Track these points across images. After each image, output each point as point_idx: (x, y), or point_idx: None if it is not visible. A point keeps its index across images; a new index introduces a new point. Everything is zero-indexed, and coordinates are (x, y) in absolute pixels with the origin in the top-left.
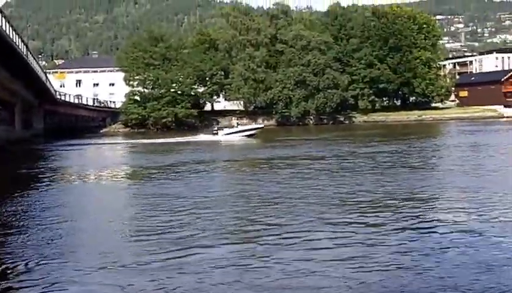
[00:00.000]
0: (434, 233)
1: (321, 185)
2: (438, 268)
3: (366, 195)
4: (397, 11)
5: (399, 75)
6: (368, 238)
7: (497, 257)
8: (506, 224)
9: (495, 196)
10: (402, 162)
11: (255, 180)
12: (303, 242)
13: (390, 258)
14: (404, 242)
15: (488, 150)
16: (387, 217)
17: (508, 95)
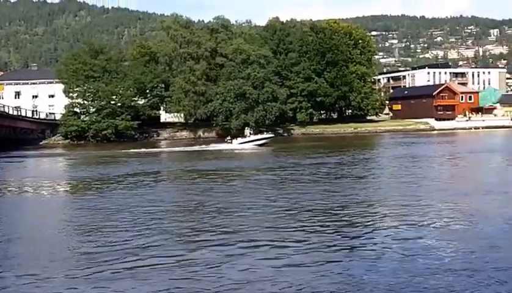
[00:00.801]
0: (372, 239)
1: (272, 195)
2: (376, 273)
3: (313, 204)
4: (334, 27)
5: (336, 89)
6: (311, 246)
7: (431, 262)
8: (439, 230)
9: (429, 204)
10: (343, 172)
11: (207, 190)
12: (251, 251)
13: (330, 266)
14: (344, 248)
15: (422, 161)
16: (331, 226)
17: (438, 109)
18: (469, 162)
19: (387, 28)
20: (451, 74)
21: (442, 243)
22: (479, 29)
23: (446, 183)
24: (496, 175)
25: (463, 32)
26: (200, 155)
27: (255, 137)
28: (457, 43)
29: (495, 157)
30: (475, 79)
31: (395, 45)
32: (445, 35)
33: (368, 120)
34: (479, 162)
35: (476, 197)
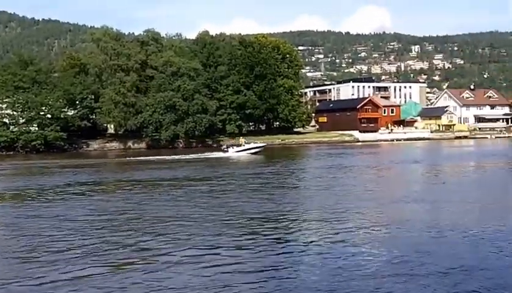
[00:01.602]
0: (302, 247)
1: (207, 205)
2: (303, 280)
3: (247, 212)
4: (262, 41)
5: (264, 102)
6: (241, 254)
7: (356, 268)
8: (368, 237)
9: (357, 211)
10: (278, 182)
11: (144, 200)
12: (179, 261)
13: (260, 274)
14: (272, 255)
15: (349, 171)
16: (262, 234)
17: (362, 121)
18: (393, 172)
19: (313, 44)
20: (374, 88)
21: (370, 250)
22: (401, 45)
23: (372, 192)
24: (419, 184)
25: (386, 47)
26: (174, 164)
27: (249, 146)
28: (381, 58)
29: (417, 167)
30: (397, 93)
31: (321, 60)
32: (369, 50)
33: (295, 132)
34: (403, 172)
35: (401, 205)
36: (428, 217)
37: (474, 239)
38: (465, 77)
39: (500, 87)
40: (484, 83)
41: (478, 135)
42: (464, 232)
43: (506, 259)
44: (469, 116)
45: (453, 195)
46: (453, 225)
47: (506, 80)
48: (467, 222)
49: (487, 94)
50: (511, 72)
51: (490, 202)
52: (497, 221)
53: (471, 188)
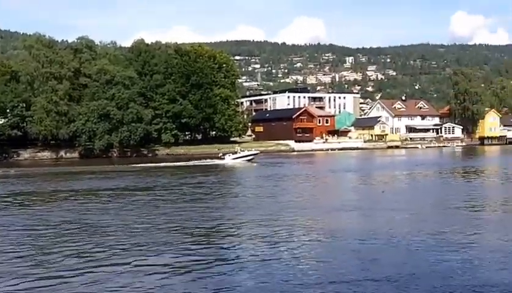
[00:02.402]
0: (238, 256)
1: (150, 215)
2: (237, 287)
3: (190, 222)
4: (198, 50)
5: (201, 111)
6: (173, 264)
7: (291, 276)
8: (304, 245)
9: (295, 219)
10: (217, 191)
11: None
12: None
13: (191, 284)
14: (205, 264)
15: (286, 180)
16: (197, 242)
17: (298, 131)
18: (331, 181)
19: (250, 54)
20: (309, 98)
21: (310, 258)
22: (335, 57)
23: (313, 201)
24: (357, 193)
25: (321, 58)
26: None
27: (245, 153)
28: (316, 69)
29: (353, 176)
30: (332, 104)
31: (258, 70)
32: (305, 61)
33: (231, 141)
34: (340, 181)
35: (338, 213)
36: (368, 224)
37: (413, 246)
38: (397, 88)
39: (430, 98)
40: (416, 94)
41: (409, 145)
42: (403, 240)
43: (442, 265)
44: (401, 127)
45: (391, 203)
46: (392, 233)
47: (437, 91)
48: (406, 229)
49: (418, 105)
50: (441, 84)
51: (427, 210)
52: (434, 229)
53: (407, 197)
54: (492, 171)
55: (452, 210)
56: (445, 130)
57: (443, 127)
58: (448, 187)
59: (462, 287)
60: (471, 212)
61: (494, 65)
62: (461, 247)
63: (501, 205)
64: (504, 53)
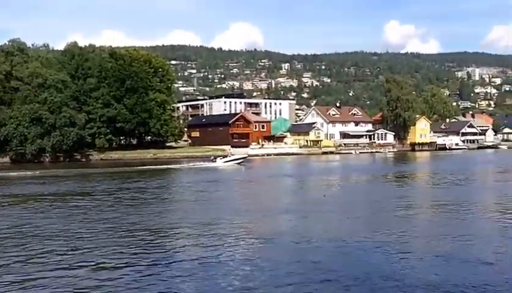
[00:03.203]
0: (176, 260)
1: (84, 220)
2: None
3: (126, 227)
4: (134, 54)
5: (136, 116)
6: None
7: (231, 281)
8: (241, 248)
9: (235, 223)
10: (154, 196)
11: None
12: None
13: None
14: (144, 270)
15: (224, 185)
16: (136, 248)
17: (234, 136)
18: (270, 186)
19: (186, 58)
20: (245, 104)
21: (246, 261)
22: (271, 63)
23: (253, 204)
24: (297, 197)
25: (257, 64)
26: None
27: (235, 157)
28: (252, 75)
29: (291, 180)
30: (268, 109)
31: (194, 75)
32: (241, 67)
33: (167, 146)
34: (279, 185)
35: (282, 217)
36: (312, 227)
37: (353, 248)
38: (332, 95)
39: (364, 105)
40: (350, 101)
41: (343, 151)
42: (343, 242)
43: (379, 266)
44: (335, 133)
45: (334, 207)
46: (333, 235)
47: (370, 98)
48: (346, 232)
49: (352, 112)
50: (374, 91)
51: (366, 213)
52: (373, 231)
53: (347, 200)
54: (422, 176)
55: (388, 213)
56: (377, 136)
57: (375, 134)
58: (383, 191)
59: (396, 287)
60: (405, 215)
61: (425, 73)
62: (396, 249)
63: (432, 208)
64: (434, 62)
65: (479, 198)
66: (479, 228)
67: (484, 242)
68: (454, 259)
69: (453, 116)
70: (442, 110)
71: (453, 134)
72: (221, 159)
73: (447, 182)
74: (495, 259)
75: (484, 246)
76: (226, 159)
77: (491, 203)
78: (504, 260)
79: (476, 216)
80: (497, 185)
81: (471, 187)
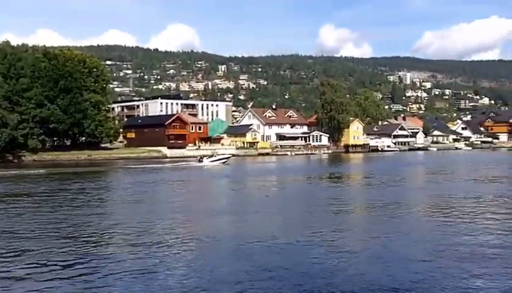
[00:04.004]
0: (113, 260)
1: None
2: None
3: (62, 228)
4: (68, 54)
5: (70, 116)
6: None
7: (169, 284)
8: (177, 249)
9: (177, 224)
10: (86, 198)
11: None
12: None
13: None
14: (77, 274)
15: (161, 186)
16: (73, 248)
17: (171, 137)
18: (211, 186)
19: (121, 59)
20: (182, 105)
21: (185, 262)
22: (208, 64)
23: (195, 205)
24: (240, 197)
25: (194, 66)
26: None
27: (220, 157)
28: (189, 76)
29: (231, 181)
30: (204, 111)
31: (130, 75)
32: (177, 68)
33: (102, 147)
34: (219, 186)
35: (224, 217)
36: (254, 227)
37: (294, 247)
38: (269, 97)
39: (299, 107)
40: (286, 103)
41: (280, 152)
42: (285, 240)
43: (318, 265)
44: (271, 134)
45: (276, 206)
46: (275, 234)
47: (305, 100)
48: (287, 231)
49: (287, 114)
50: (309, 94)
51: (303, 213)
52: (310, 230)
53: (288, 200)
54: (356, 176)
55: (327, 213)
56: (312, 138)
57: (311, 135)
58: (321, 192)
59: (331, 284)
60: (341, 214)
61: (358, 76)
62: (333, 247)
63: (366, 207)
64: (368, 65)
65: (411, 198)
66: (410, 226)
67: (415, 239)
68: (388, 256)
69: (385, 119)
70: (375, 113)
71: (385, 136)
72: (207, 159)
73: (380, 182)
74: (425, 256)
75: (415, 243)
76: (212, 158)
77: (422, 202)
78: (435, 256)
79: (408, 215)
80: (427, 185)
81: (403, 187)
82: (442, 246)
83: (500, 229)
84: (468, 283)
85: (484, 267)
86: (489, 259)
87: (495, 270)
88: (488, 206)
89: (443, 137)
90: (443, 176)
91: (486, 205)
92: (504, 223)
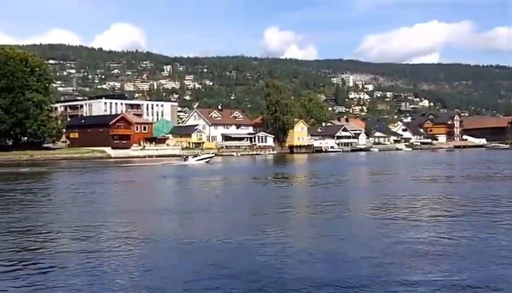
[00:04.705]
0: (55, 263)
1: None
2: None
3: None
4: (9, 53)
5: (11, 116)
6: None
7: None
8: (130, 250)
9: (126, 225)
10: (28, 198)
11: None
12: None
13: None
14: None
15: (105, 187)
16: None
17: (115, 138)
18: (159, 186)
19: (65, 58)
20: (127, 105)
21: (132, 263)
22: (153, 64)
23: (145, 205)
24: (191, 197)
25: (139, 66)
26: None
27: (204, 156)
28: (134, 76)
29: (179, 181)
30: (150, 111)
31: (73, 75)
32: (122, 67)
33: (45, 147)
34: (168, 186)
35: (163, 216)
36: (204, 226)
37: (243, 246)
38: (214, 98)
39: (245, 108)
40: (231, 104)
41: (225, 153)
42: (225, 240)
43: (263, 263)
44: (217, 135)
45: (226, 206)
46: (221, 234)
47: (251, 101)
48: (235, 231)
49: (233, 115)
50: (255, 95)
51: (251, 213)
52: (258, 230)
53: (238, 200)
54: (301, 176)
55: (275, 213)
56: (258, 139)
57: (256, 136)
58: (267, 192)
59: (278, 282)
60: (290, 214)
61: (303, 78)
62: (282, 246)
63: (312, 207)
64: (312, 68)
65: (355, 197)
66: (355, 225)
67: (360, 237)
68: (334, 254)
69: (329, 120)
70: (319, 114)
71: (329, 137)
72: (192, 158)
73: (325, 182)
74: (370, 253)
75: (360, 241)
76: (197, 158)
77: (365, 202)
78: (379, 253)
79: (352, 214)
80: (370, 185)
81: (347, 187)
82: (386, 243)
83: (441, 227)
84: (411, 278)
85: (427, 263)
86: (431, 255)
87: (437, 266)
88: (429, 205)
89: (385, 138)
90: (385, 176)
91: (427, 204)
92: (444, 221)
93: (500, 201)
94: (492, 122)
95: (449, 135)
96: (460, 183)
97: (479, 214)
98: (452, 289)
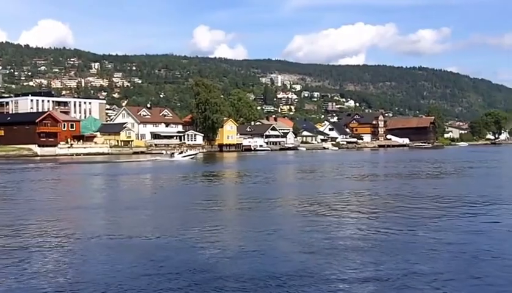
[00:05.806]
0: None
1: None
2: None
3: None
4: None
5: None
6: None
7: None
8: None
9: (61, 224)
10: None
11: None
12: None
13: None
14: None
15: (36, 185)
16: None
17: (42, 135)
18: (89, 184)
19: None
20: (54, 102)
21: (57, 260)
22: (81, 62)
23: (67, 201)
24: (130, 194)
25: (66, 63)
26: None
27: (189, 153)
28: (61, 74)
29: (105, 179)
30: (77, 108)
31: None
32: (49, 64)
33: None
34: (99, 184)
35: (95, 214)
36: (124, 225)
37: (177, 244)
38: (143, 96)
39: (174, 107)
40: (161, 103)
41: (154, 151)
42: (157, 237)
43: (202, 260)
44: (146, 133)
45: (167, 202)
46: (155, 232)
47: (180, 100)
48: (163, 229)
49: (162, 113)
50: (184, 93)
51: (182, 210)
52: (191, 227)
53: (176, 197)
54: (231, 175)
55: (207, 209)
56: (187, 137)
57: (186, 134)
58: (198, 190)
59: (208, 280)
60: (220, 211)
61: (232, 77)
62: (213, 243)
63: (243, 204)
64: (241, 67)
65: (284, 195)
66: (285, 221)
67: (290, 233)
68: (265, 249)
69: (258, 119)
70: (248, 113)
71: (258, 136)
72: (179, 154)
73: (254, 180)
74: (299, 248)
75: (290, 237)
76: (183, 154)
77: (294, 199)
78: (308, 249)
79: (282, 211)
80: (298, 182)
81: (276, 185)
82: (315, 239)
83: (367, 222)
84: (337, 273)
85: (355, 257)
86: (359, 250)
87: (366, 260)
88: (354, 202)
89: (312, 138)
90: (312, 174)
91: (352, 201)
92: (370, 216)
93: (422, 198)
94: (414, 123)
95: (374, 135)
96: (383, 181)
97: (401, 210)
98: (372, 282)
